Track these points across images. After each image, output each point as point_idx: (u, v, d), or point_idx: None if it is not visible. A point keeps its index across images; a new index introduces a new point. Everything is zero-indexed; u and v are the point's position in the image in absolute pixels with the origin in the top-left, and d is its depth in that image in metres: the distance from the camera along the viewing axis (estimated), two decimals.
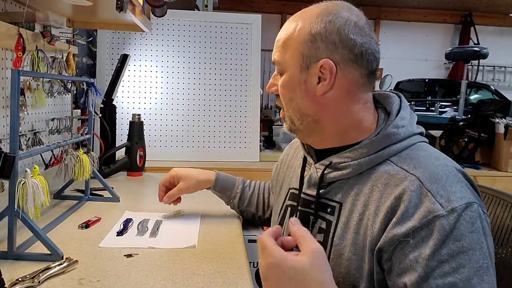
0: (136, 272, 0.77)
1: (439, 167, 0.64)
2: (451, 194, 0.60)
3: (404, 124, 0.70)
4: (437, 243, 0.57)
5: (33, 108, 1.23)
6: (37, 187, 0.81)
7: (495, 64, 6.64)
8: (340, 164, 0.70)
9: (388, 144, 0.68)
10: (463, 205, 0.59)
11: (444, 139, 2.36)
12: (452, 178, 0.63)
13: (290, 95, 0.73)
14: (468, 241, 0.58)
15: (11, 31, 0.90)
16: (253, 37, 2.01)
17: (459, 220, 0.58)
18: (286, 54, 0.72)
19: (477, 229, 0.59)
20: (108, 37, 1.90)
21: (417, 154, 0.67)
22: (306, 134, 0.76)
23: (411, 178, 0.62)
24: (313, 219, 0.73)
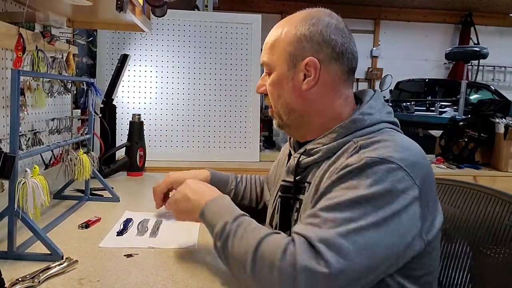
0: (136, 272, 0.77)
1: (386, 137, 0.70)
2: (373, 151, 0.67)
3: (371, 112, 0.76)
4: (335, 178, 0.67)
5: (33, 108, 1.23)
6: (37, 187, 0.81)
7: (495, 64, 6.65)
8: (312, 150, 0.78)
9: (355, 129, 0.75)
10: (376, 158, 0.65)
11: (444, 139, 2.36)
12: (390, 143, 0.68)
13: (279, 91, 0.81)
14: (360, 182, 0.63)
15: (11, 31, 0.90)
16: (253, 37, 2.01)
17: (362, 167, 0.65)
18: (274, 55, 0.80)
19: (377, 180, 0.62)
20: (108, 37, 1.90)
21: (376, 134, 0.73)
22: (294, 129, 0.84)
23: (355, 146, 0.71)
24: (292, 202, 0.81)
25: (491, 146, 2.22)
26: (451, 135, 2.33)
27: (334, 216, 0.62)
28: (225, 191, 1.10)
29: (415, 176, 0.64)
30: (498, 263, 0.82)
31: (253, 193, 1.12)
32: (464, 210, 0.93)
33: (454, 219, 0.93)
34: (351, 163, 0.67)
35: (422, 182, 0.65)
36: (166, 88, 1.95)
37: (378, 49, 6.75)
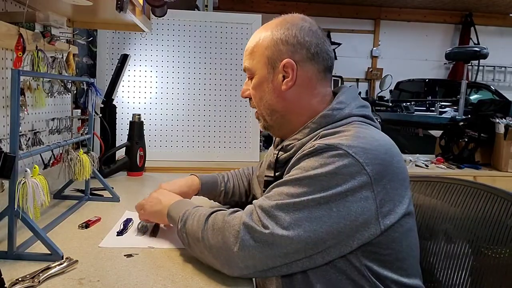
0: (136, 272, 0.77)
1: (347, 129, 0.75)
2: (327, 140, 0.72)
3: (341, 107, 0.80)
4: (291, 163, 0.75)
5: (33, 108, 1.23)
6: (37, 187, 0.81)
7: (495, 64, 6.65)
8: (288, 146, 0.83)
9: (325, 124, 0.79)
10: (325, 145, 0.70)
11: (444, 139, 2.36)
12: (347, 133, 0.72)
13: (260, 94, 0.86)
14: (307, 164, 0.70)
15: (11, 31, 0.90)
16: None
17: (313, 153, 0.71)
18: (254, 60, 0.85)
19: (323, 164, 0.68)
20: (108, 37, 1.90)
21: (342, 128, 0.77)
22: (277, 129, 0.89)
23: (317, 136, 0.76)
24: None
25: (491, 146, 2.22)
26: (451, 135, 2.33)
27: (281, 191, 0.71)
28: (215, 193, 1.14)
29: (366, 163, 0.68)
30: (498, 263, 0.82)
31: (241, 189, 1.16)
32: (464, 209, 0.93)
33: (454, 219, 0.93)
34: (305, 149, 0.74)
35: (376, 170, 0.69)
36: (166, 88, 1.95)
37: (378, 49, 6.75)
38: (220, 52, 1.98)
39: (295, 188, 0.69)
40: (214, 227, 0.73)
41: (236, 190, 1.15)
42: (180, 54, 1.95)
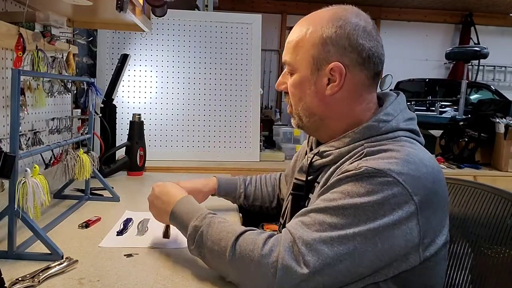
0: (136, 272, 0.77)
1: (396, 147, 0.69)
2: (375, 161, 0.65)
3: (387, 119, 0.74)
4: (333, 181, 0.67)
5: (33, 108, 1.23)
6: (37, 187, 0.81)
7: (495, 64, 6.64)
8: (325, 152, 0.79)
9: (368, 136, 0.73)
10: (374, 169, 0.63)
11: (444, 139, 2.36)
12: (397, 154, 0.66)
13: (300, 94, 0.78)
14: (354, 189, 0.63)
15: (11, 31, 0.90)
16: (253, 37, 2.01)
17: (360, 175, 0.64)
18: (297, 55, 0.76)
19: (371, 191, 0.62)
20: (108, 37, 1.90)
21: (388, 142, 0.71)
22: (313, 131, 0.84)
23: (362, 152, 0.70)
24: (302, 200, 0.83)
25: (491, 146, 2.22)
26: (451, 135, 2.33)
27: (322, 219, 0.64)
28: (235, 195, 1.12)
29: (414, 192, 0.63)
30: (499, 263, 0.82)
31: (264, 193, 1.13)
32: (464, 209, 0.93)
33: (454, 219, 0.93)
34: (350, 168, 0.67)
35: (423, 199, 0.64)
36: (166, 88, 1.95)
37: None
38: (220, 52, 1.98)
39: (339, 217, 0.63)
40: (245, 258, 0.65)
41: (258, 194, 1.13)
42: (180, 54, 1.95)
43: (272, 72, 6.44)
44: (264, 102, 6.30)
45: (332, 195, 0.66)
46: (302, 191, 0.83)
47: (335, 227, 0.62)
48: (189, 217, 0.77)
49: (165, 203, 0.85)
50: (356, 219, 0.62)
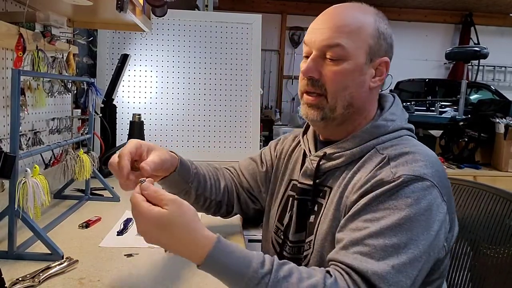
0: (136, 272, 0.77)
1: (412, 149, 0.70)
2: (407, 167, 0.66)
3: (393, 119, 0.76)
4: (372, 197, 0.64)
5: (34, 108, 1.23)
6: (37, 187, 0.81)
7: (495, 64, 6.64)
8: (334, 154, 0.76)
9: (377, 135, 0.74)
10: (412, 175, 0.64)
11: (444, 139, 2.36)
12: (418, 156, 0.68)
13: (347, 83, 0.73)
14: (400, 202, 0.62)
15: (11, 31, 0.90)
16: (253, 37, 2.01)
17: (401, 185, 0.63)
18: (353, 42, 0.72)
19: (417, 199, 0.62)
20: (109, 37, 1.90)
21: (400, 143, 0.73)
22: (335, 124, 0.77)
23: (383, 156, 0.70)
24: (310, 204, 0.79)
25: (491, 146, 2.22)
26: (451, 135, 2.33)
27: (383, 244, 0.59)
28: (189, 176, 0.91)
29: (444, 192, 0.66)
30: (498, 263, 0.82)
31: (212, 181, 0.95)
32: (464, 208, 0.93)
33: None
34: (385, 179, 0.65)
35: (447, 195, 0.67)
36: (166, 88, 1.95)
37: None
38: (220, 52, 1.98)
39: (398, 236, 0.60)
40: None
41: (208, 182, 0.93)
42: (180, 54, 1.95)
43: (272, 72, 6.44)
44: (264, 102, 6.31)
45: (379, 214, 0.63)
46: (308, 195, 0.80)
47: (399, 248, 0.59)
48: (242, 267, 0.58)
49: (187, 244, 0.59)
50: (414, 231, 0.61)
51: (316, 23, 0.76)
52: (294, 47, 6.41)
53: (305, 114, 0.77)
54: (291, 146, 0.94)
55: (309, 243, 0.77)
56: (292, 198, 0.85)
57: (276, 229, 0.88)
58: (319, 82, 0.74)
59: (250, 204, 0.99)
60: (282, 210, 0.88)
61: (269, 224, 0.92)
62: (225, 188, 0.96)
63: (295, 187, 0.85)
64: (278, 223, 0.88)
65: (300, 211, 0.81)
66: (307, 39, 0.76)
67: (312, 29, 0.76)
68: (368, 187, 0.66)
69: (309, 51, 0.75)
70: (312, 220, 0.78)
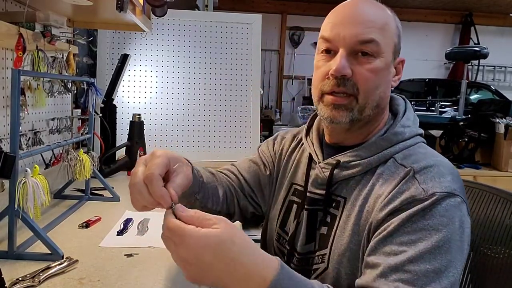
0: (136, 272, 0.77)
1: (434, 161, 0.67)
2: (437, 182, 0.63)
3: (409, 125, 0.73)
4: (405, 217, 0.60)
5: (34, 108, 1.23)
6: (38, 187, 0.81)
7: (495, 64, 6.64)
8: (349, 163, 0.71)
9: (395, 142, 0.70)
10: (444, 192, 0.61)
11: (444, 139, 2.36)
12: (443, 169, 0.65)
13: (379, 81, 0.69)
14: (435, 222, 0.60)
15: (11, 31, 0.90)
16: (254, 37, 2.01)
17: (434, 204, 0.60)
18: (384, 38, 0.69)
19: (451, 218, 0.60)
20: (109, 37, 1.90)
21: (417, 151, 0.70)
22: (358, 127, 0.72)
23: (406, 170, 0.66)
24: (322, 216, 0.73)
25: (491, 146, 2.22)
26: (451, 135, 2.33)
27: (424, 269, 0.57)
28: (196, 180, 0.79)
29: (467, 204, 0.64)
30: (498, 263, 0.82)
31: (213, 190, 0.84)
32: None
33: None
34: (417, 196, 0.61)
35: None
36: (166, 88, 1.95)
37: None
38: (220, 52, 1.98)
39: (438, 259, 0.57)
40: None
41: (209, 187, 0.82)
42: (180, 54, 1.95)
43: (272, 72, 6.44)
44: (264, 102, 6.30)
45: (416, 236, 0.59)
46: (318, 205, 0.74)
47: (440, 272, 0.57)
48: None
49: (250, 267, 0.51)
50: (452, 253, 0.59)
51: (341, 17, 0.70)
52: (294, 47, 6.41)
53: (331, 116, 0.69)
54: (290, 146, 0.89)
55: (322, 256, 0.72)
56: (297, 205, 0.79)
57: (278, 236, 0.83)
58: (351, 81, 0.67)
59: (250, 208, 0.91)
60: (283, 215, 0.82)
61: (268, 227, 0.87)
62: (224, 196, 0.85)
63: (299, 194, 0.80)
64: (280, 230, 0.83)
65: (310, 222, 0.75)
66: (331, 35, 0.69)
67: (335, 24, 0.69)
68: (397, 205, 0.62)
69: (333, 47, 0.69)
70: (324, 231, 0.72)
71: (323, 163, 0.74)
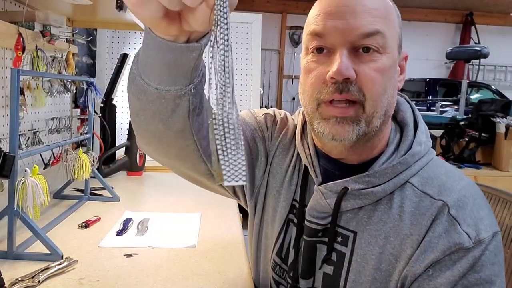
0: (136, 272, 0.77)
1: (466, 189, 0.57)
2: (479, 221, 0.54)
3: (424, 140, 0.60)
4: (456, 274, 0.52)
5: (33, 108, 1.23)
6: (37, 187, 0.81)
7: (496, 64, 6.64)
8: (359, 190, 0.57)
9: (411, 163, 0.57)
10: (490, 235, 0.54)
11: (445, 139, 2.36)
12: (479, 201, 0.57)
13: (386, 83, 0.55)
14: (487, 273, 0.53)
15: (11, 30, 0.90)
16: (254, 36, 2.01)
17: (484, 253, 0.53)
18: (389, 29, 0.55)
19: (499, 261, 0.54)
20: (108, 36, 1.90)
21: (437, 173, 0.59)
22: (364, 141, 0.57)
23: (437, 204, 0.55)
24: (326, 255, 0.60)
25: (492, 146, 2.22)
26: (451, 135, 2.33)
27: None
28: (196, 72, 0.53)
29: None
30: None
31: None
32: None
33: None
34: (464, 244, 0.52)
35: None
36: None
37: None
38: None
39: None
40: None
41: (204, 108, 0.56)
42: None
43: (272, 72, 6.44)
44: (264, 102, 6.30)
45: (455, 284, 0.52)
46: (317, 236, 0.61)
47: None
48: None
49: None
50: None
51: (336, 6, 0.54)
52: (294, 46, 6.40)
53: (333, 132, 0.54)
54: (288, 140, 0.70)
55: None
56: (296, 229, 0.65)
57: (275, 264, 0.68)
58: (355, 86, 0.53)
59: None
60: (282, 238, 0.67)
61: (262, 248, 0.71)
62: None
63: (298, 214, 0.65)
64: (277, 257, 0.68)
65: (309, 255, 0.62)
66: (324, 29, 0.54)
67: (329, 14, 0.54)
68: (439, 255, 0.52)
69: (328, 44, 0.54)
70: (329, 272, 0.60)
71: (323, 188, 0.60)
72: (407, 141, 0.59)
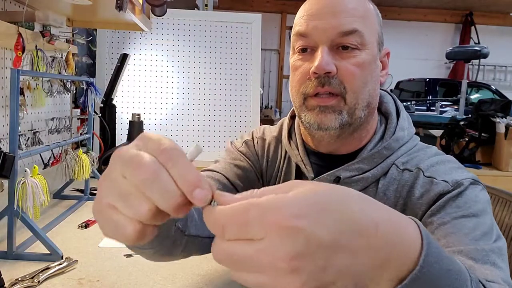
0: (136, 272, 0.77)
1: (440, 157, 0.63)
2: (454, 173, 0.59)
3: (406, 126, 0.66)
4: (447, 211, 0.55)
5: (33, 108, 1.23)
6: (37, 187, 0.81)
7: (496, 64, 6.65)
8: (351, 178, 0.62)
9: (397, 148, 0.63)
10: (468, 179, 0.58)
11: (445, 138, 2.36)
12: (453, 163, 0.62)
13: (367, 77, 0.61)
14: (475, 209, 0.55)
15: (10, 30, 0.90)
16: (253, 37, 2.01)
17: (465, 192, 0.56)
18: (367, 27, 0.61)
19: (484, 203, 0.57)
20: (108, 37, 1.90)
21: (419, 153, 0.64)
22: (349, 133, 0.63)
23: (414, 173, 0.60)
24: None
25: (491, 146, 2.22)
26: (451, 135, 2.33)
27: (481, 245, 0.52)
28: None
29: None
30: None
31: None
32: None
33: None
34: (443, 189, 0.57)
35: None
36: (166, 87, 1.95)
37: None
38: (220, 52, 1.98)
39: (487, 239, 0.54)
40: None
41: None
42: (179, 54, 1.95)
43: (272, 72, 6.44)
44: (264, 102, 6.31)
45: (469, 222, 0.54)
46: None
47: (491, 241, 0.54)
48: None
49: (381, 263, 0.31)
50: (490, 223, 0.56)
51: (317, 8, 0.61)
52: None
53: (318, 121, 0.60)
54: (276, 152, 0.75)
55: None
56: None
57: None
58: (336, 79, 0.59)
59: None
60: None
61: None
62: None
63: None
64: None
65: None
66: (306, 29, 0.60)
67: (311, 15, 0.61)
68: (426, 208, 0.58)
69: (312, 43, 0.60)
70: None
71: (317, 181, 0.62)
72: (391, 128, 0.65)
